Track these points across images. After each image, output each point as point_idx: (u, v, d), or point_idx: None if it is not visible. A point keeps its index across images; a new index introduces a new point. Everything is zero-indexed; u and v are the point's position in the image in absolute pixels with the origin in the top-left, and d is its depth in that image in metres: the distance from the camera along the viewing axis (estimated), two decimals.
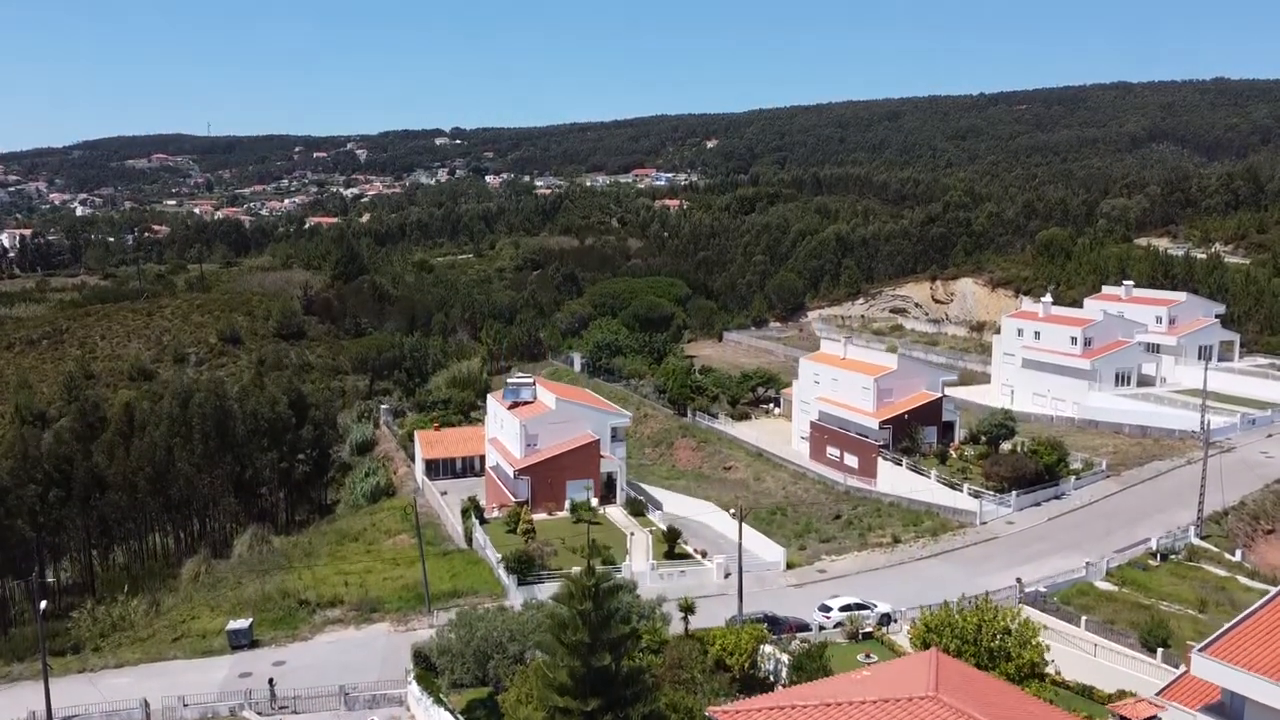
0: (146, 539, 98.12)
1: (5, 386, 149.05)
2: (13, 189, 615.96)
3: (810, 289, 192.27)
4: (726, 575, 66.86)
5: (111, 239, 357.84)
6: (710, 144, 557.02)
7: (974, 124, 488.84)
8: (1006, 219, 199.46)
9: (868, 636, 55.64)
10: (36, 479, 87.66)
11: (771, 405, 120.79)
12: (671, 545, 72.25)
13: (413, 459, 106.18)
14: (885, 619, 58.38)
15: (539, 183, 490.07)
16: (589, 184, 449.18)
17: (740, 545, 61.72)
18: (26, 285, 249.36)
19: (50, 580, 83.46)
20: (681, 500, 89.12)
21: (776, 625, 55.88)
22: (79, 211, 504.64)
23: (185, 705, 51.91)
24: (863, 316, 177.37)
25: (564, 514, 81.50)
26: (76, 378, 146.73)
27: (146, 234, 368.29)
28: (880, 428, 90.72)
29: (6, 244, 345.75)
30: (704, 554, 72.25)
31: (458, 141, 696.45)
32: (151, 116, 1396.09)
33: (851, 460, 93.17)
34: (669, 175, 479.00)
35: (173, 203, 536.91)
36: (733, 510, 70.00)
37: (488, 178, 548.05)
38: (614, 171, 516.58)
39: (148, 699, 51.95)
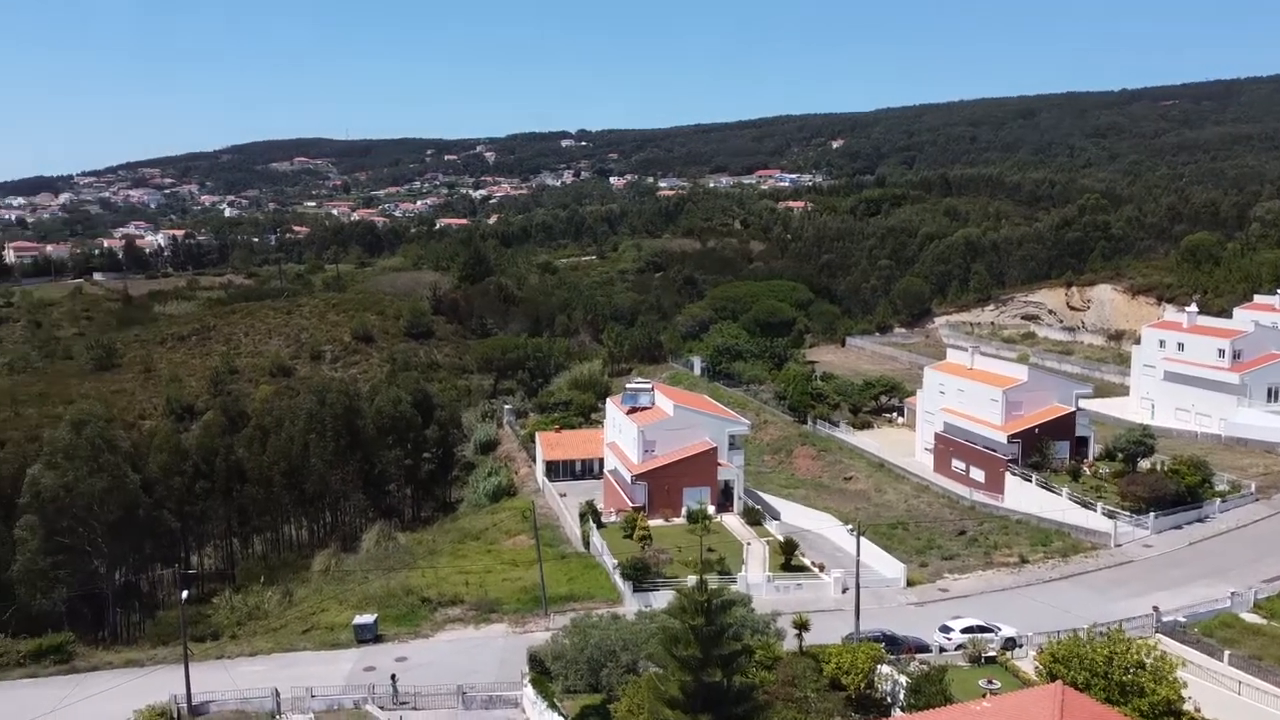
0: (282, 530, 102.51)
1: (158, 380, 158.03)
2: (168, 191, 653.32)
3: (937, 294, 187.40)
4: (844, 590, 65.70)
5: (256, 239, 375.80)
6: (835, 144, 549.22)
7: (1115, 121, 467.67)
8: (1149, 222, 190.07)
9: (990, 661, 53.79)
10: (184, 471, 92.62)
11: (894, 414, 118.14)
12: (788, 557, 71.44)
13: (534, 460, 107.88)
14: (1010, 643, 56.31)
15: (662, 184, 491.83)
16: (712, 186, 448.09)
17: (858, 560, 60.57)
18: (178, 284, 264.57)
19: (193, 571, 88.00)
20: (799, 510, 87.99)
21: (895, 645, 54.61)
22: (227, 213, 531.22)
23: (313, 696, 53.92)
24: (992, 323, 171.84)
25: (680, 521, 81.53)
26: (221, 373, 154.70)
27: (288, 235, 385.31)
28: (1009, 441, 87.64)
29: (162, 243, 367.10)
30: (821, 567, 71.19)
31: (583, 143, 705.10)
32: (294, 121, 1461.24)
33: (978, 474, 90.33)
34: (793, 176, 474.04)
35: (312, 204, 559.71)
36: (851, 526, 68.82)
37: (612, 179, 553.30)
38: (737, 173, 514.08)
39: (278, 688, 54.19)
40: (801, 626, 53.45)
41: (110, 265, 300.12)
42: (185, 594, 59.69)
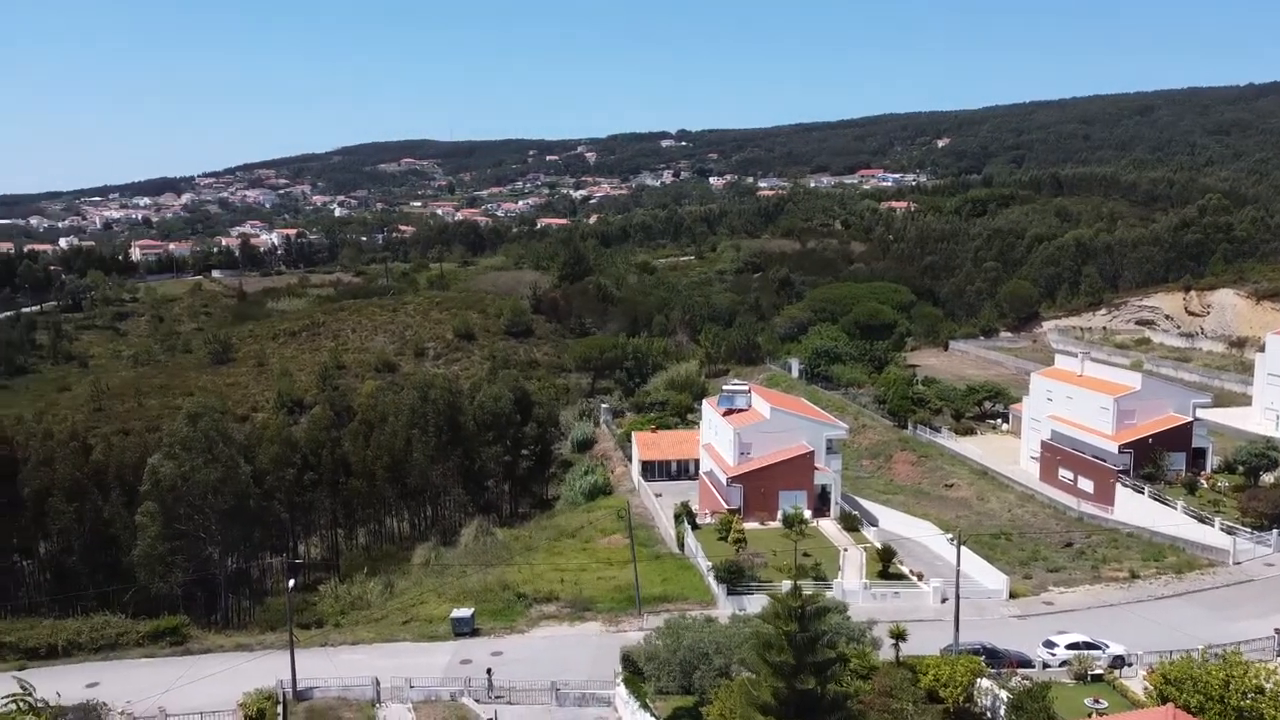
0: (384, 523, 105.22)
1: (270, 374, 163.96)
2: (282, 192, 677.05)
3: (1045, 298, 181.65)
4: (943, 600, 64.28)
5: (364, 238, 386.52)
6: (941, 143, 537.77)
7: (1239, 117, 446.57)
8: (1275, 223, 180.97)
9: (1097, 679, 51.92)
10: (293, 463, 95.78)
11: (999, 421, 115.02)
12: (886, 564, 70.20)
13: (630, 459, 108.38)
14: (1118, 661, 54.27)
15: (762, 184, 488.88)
16: (812, 185, 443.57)
17: (958, 570, 59.17)
18: (290, 281, 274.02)
19: (300, 560, 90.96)
20: (898, 517, 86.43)
21: (995, 659, 53.17)
22: (337, 213, 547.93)
23: (411, 687, 55.20)
24: (1104, 328, 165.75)
25: (776, 524, 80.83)
26: (329, 368, 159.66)
27: (394, 234, 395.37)
28: (1120, 451, 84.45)
29: (275, 242, 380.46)
30: (920, 576, 69.78)
31: (683, 143, 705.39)
32: (402, 123, 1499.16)
33: (1086, 485, 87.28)
34: (896, 176, 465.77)
35: (418, 204, 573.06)
36: (951, 534, 67.29)
37: (711, 179, 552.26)
38: (838, 173, 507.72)
39: (378, 677, 55.65)
40: (898, 636, 52.44)
41: (227, 263, 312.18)
42: (292, 582, 61.77)
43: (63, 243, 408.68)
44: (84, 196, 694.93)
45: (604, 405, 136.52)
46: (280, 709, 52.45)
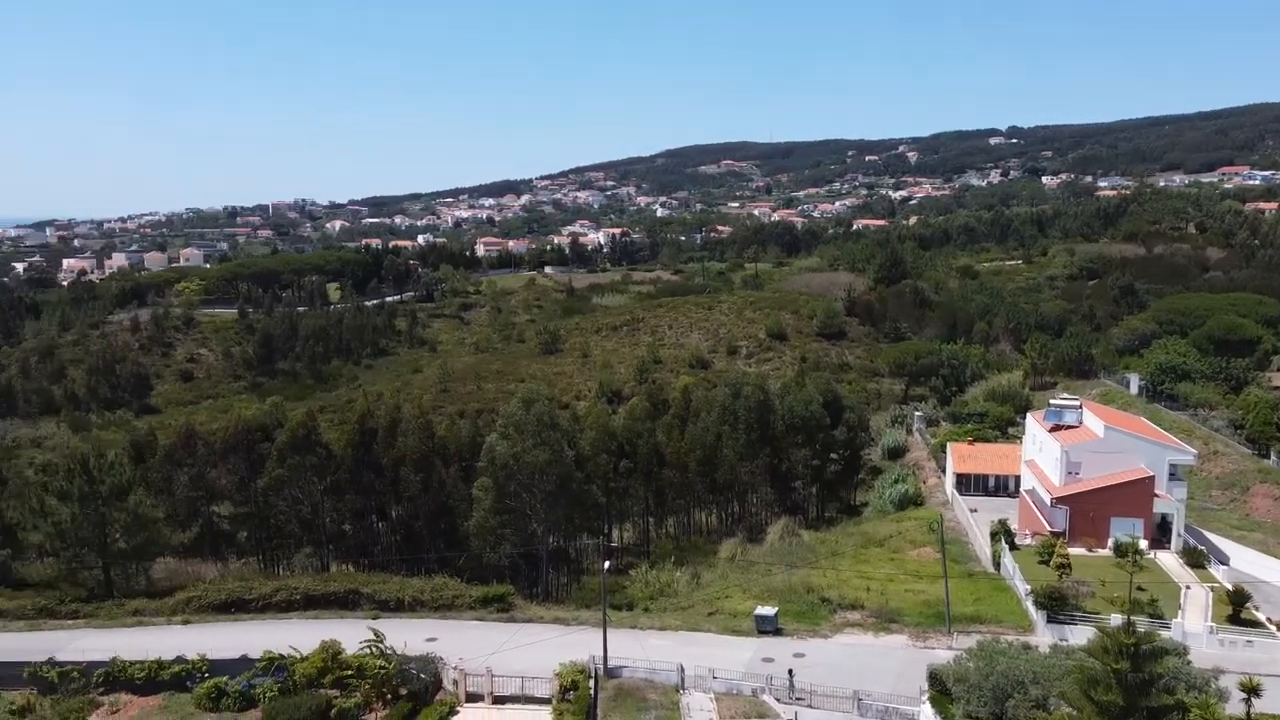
0: (692, 515, 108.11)
1: (593, 365, 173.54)
2: (609, 193, 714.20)
3: None
4: None
5: (682, 238, 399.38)
6: None
7: None
8: None
9: None
10: (610, 450, 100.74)
11: None
12: (1238, 608, 62.75)
13: (943, 470, 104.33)
14: None
15: (1101, 184, 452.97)
16: (1161, 185, 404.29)
17: None
18: (614, 278, 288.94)
19: (614, 544, 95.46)
20: (1254, 557, 76.81)
21: None
22: (659, 213, 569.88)
23: (714, 678, 56.43)
24: None
25: (1105, 552, 74.66)
26: (647, 362, 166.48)
27: (711, 234, 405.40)
28: None
29: (601, 241, 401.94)
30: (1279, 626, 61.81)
31: (1013, 141, 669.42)
32: (722, 126, 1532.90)
33: None
34: (1265, 174, 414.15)
35: (736, 205, 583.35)
36: None
37: (1044, 179, 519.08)
38: (1193, 170, 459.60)
39: (683, 665, 57.37)
40: (1251, 690, 46.74)
41: (558, 260, 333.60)
42: (607, 564, 64.87)
43: (420, 239, 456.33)
44: (439, 198, 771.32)
45: (917, 413, 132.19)
46: (592, 683, 55.49)
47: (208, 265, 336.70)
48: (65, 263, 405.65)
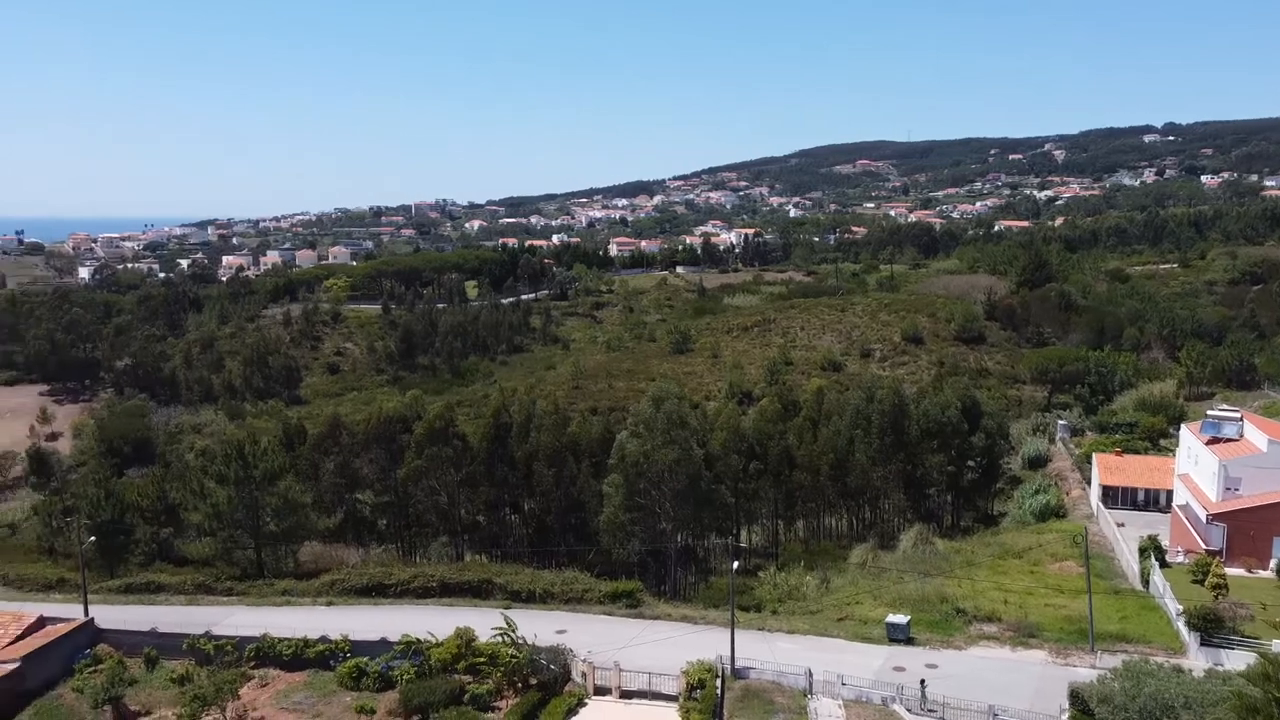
0: (822, 519, 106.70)
1: (723, 365, 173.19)
2: (742, 193, 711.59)
3: None
4: None
5: (816, 239, 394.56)
6: None
7: None
8: None
9: None
10: (740, 450, 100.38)
11: None
12: None
13: (1088, 482, 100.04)
14: None
15: (1269, 183, 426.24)
16: None
17: None
18: (745, 278, 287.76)
19: (743, 545, 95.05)
20: None
21: None
22: (791, 213, 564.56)
23: (843, 684, 55.56)
24: None
25: (1267, 574, 70.19)
26: (777, 363, 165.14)
27: (845, 235, 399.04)
28: None
29: (734, 241, 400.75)
30: None
31: (1170, 138, 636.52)
32: (859, 126, 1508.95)
33: None
34: None
35: (871, 205, 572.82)
36: None
37: (1203, 178, 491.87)
38: None
39: (811, 669, 56.69)
40: None
41: (690, 260, 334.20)
42: (735, 565, 64.81)
43: (555, 239, 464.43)
44: (573, 198, 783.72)
45: (1061, 421, 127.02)
46: (719, 683, 55.44)
47: (354, 263, 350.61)
48: (225, 260, 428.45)
